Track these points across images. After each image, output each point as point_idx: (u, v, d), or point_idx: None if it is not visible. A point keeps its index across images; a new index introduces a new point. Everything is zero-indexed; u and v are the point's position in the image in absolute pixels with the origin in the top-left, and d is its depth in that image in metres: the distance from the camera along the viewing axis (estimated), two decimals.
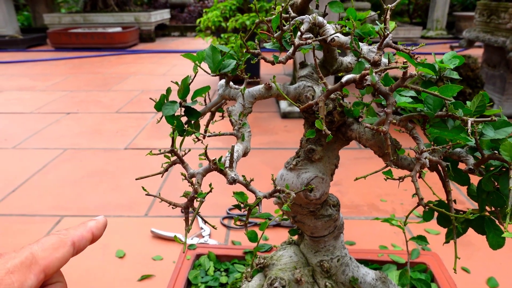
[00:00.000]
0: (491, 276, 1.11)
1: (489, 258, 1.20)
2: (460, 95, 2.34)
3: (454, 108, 0.44)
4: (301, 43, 0.42)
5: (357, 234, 1.31)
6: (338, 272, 0.67)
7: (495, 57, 2.66)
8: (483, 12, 2.67)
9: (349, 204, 1.48)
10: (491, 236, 0.52)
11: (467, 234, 1.40)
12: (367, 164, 1.81)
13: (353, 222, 1.37)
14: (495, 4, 2.53)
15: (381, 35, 0.41)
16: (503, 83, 2.57)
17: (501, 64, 2.59)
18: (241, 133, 0.47)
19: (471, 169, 0.47)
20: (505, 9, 2.43)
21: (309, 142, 0.57)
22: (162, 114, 0.54)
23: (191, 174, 0.46)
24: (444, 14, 6.56)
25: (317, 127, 0.39)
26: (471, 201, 1.48)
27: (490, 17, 2.60)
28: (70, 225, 1.35)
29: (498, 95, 2.62)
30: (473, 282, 1.10)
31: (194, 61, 0.50)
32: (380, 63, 0.41)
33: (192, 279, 0.85)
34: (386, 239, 1.28)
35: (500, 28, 2.51)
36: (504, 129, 0.44)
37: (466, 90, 2.32)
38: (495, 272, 1.13)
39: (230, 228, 1.34)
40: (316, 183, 0.57)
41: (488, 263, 1.17)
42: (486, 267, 1.15)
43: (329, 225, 0.64)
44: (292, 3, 0.52)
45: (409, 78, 0.38)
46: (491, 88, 2.72)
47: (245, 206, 0.40)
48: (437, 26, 6.67)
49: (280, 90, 0.47)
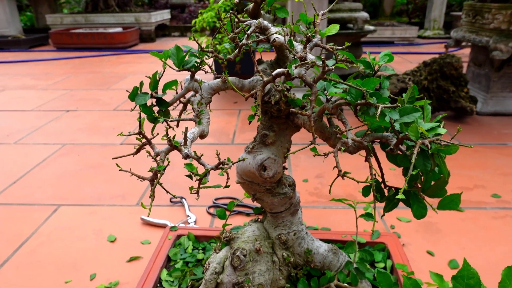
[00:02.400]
0: (453, 259, 1.20)
1: (454, 242, 1.28)
2: (444, 93, 2.43)
3: (370, 97, 0.53)
4: (244, 43, 0.51)
5: (334, 221, 1.40)
6: (295, 245, 0.76)
7: (480, 56, 2.74)
8: (469, 12, 2.75)
9: (329, 195, 1.57)
10: (415, 208, 0.61)
11: (436, 221, 1.49)
12: (349, 157, 1.90)
13: (331, 211, 1.46)
14: (479, 5, 2.61)
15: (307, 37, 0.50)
16: (488, 82, 2.65)
17: (486, 63, 2.67)
18: (199, 118, 0.56)
19: (392, 148, 0.56)
20: (488, 10, 2.51)
21: (263, 128, 0.67)
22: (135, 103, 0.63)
23: (156, 153, 0.56)
24: (441, 14, 6.62)
25: (251, 110, 0.48)
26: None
27: (475, 17, 2.68)
28: (67, 213, 1.44)
29: (483, 93, 2.70)
30: (436, 264, 1.19)
31: (161, 59, 0.59)
32: (306, 59, 0.51)
33: (172, 256, 0.95)
34: (360, 225, 1.36)
35: (484, 28, 2.59)
36: (413, 114, 0.53)
37: (450, 88, 2.40)
38: (457, 255, 1.22)
39: (215, 216, 1.43)
40: (269, 163, 0.66)
41: (452, 247, 1.26)
42: (450, 251, 1.24)
43: (285, 202, 0.73)
44: (246, 8, 0.62)
45: (328, 71, 0.47)
46: (477, 86, 2.80)
47: (195, 175, 0.50)
48: (435, 26, 6.72)
49: (231, 83, 0.57)
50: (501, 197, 1.55)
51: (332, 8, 3.46)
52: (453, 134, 2.24)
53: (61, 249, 1.26)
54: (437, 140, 0.50)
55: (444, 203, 0.59)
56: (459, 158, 1.90)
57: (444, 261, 1.20)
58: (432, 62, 2.44)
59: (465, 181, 1.68)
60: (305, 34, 0.51)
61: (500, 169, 1.78)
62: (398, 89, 2.35)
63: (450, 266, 1.17)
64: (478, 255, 1.22)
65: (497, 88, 2.62)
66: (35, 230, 1.36)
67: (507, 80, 2.59)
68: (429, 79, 2.43)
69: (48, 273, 1.15)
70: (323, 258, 0.77)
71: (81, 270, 1.16)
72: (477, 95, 2.73)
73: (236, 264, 0.73)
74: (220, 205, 1.49)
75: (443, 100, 2.46)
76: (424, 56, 4.73)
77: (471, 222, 1.39)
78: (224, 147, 2.08)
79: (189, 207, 1.46)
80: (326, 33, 0.65)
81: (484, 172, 1.76)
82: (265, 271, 0.74)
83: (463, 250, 1.25)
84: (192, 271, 0.90)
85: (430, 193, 0.59)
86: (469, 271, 0.47)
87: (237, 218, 1.42)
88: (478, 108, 2.61)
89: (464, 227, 1.37)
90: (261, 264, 0.74)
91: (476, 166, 1.82)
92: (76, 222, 1.41)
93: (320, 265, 0.77)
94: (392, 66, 4.17)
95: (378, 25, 6.25)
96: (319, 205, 1.49)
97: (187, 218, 1.38)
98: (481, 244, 1.27)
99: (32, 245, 1.28)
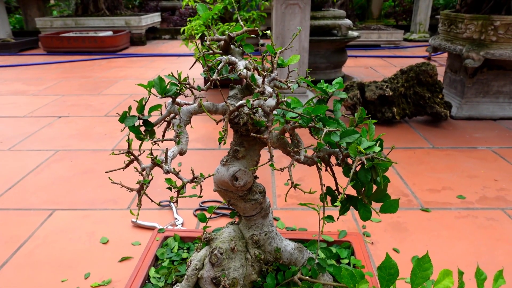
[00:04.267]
0: (415, 255, 1.32)
1: (418, 240, 1.41)
2: (420, 99, 2.57)
3: (318, 121, 0.64)
4: (214, 79, 0.63)
5: (311, 222, 1.52)
6: (266, 244, 0.88)
7: (456, 63, 2.89)
8: (445, 21, 2.90)
9: (307, 198, 1.68)
10: (361, 211, 0.73)
11: (404, 221, 1.62)
12: None
13: (308, 212, 1.58)
14: (453, 15, 2.76)
15: (264, 74, 0.61)
16: (463, 87, 2.80)
17: (461, 69, 2.82)
18: (178, 139, 0.67)
19: (338, 163, 0.68)
20: (461, 20, 2.66)
21: (235, 144, 0.78)
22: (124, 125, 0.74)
23: (142, 168, 0.67)
24: (427, 17, 6.80)
25: (219, 135, 0.59)
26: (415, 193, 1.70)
27: (450, 26, 2.83)
28: (61, 217, 1.54)
29: (459, 99, 2.85)
30: (400, 260, 1.31)
31: (146, 88, 0.70)
32: (265, 92, 0.62)
33: (159, 255, 1.05)
34: (334, 226, 1.48)
35: (458, 37, 2.74)
36: (352, 135, 0.64)
37: (426, 95, 2.55)
38: (420, 252, 1.35)
39: None
40: (240, 174, 0.77)
41: (417, 245, 1.39)
42: (414, 248, 1.37)
43: (256, 207, 0.84)
44: (218, 44, 0.73)
45: (282, 103, 0.59)
46: (453, 92, 2.95)
47: (174, 187, 0.61)
48: (420, 29, 6.90)
49: (205, 109, 0.68)
50: (465, 198, 1.69)
51: (317, 15, 3.59)
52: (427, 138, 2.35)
53: (57, 250, 1.36)
54: (373, 157, 0.62)
55: (385, 207, 0.71)
56: (432, 161, 2.04)
57: (408, 258, 1.32)
58: (408, 70, 2.58)
59: (434, 183, 1.81)
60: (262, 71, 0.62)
61: (467, 172, 1.92)
62: (377, 95, 2.48)
63: (412, 262, 1.29)
64: (440, 251, 1.35)
65: (471, 93, 2.77)
66: (32, 233, 1.45)
67: (480, 86, 2.74)
68: (406, 86, 2.57)
69: (45, 273, 1.24)
70: (290, 255, 0.88)
71: (76, 269, 1.26)
72: (453, 100, 2.88)
73: (213, 261, 0.84)
74: (206, 208, 1.59)
75: (419, 106, 2.60)
76: (409, 60, 4.89)
77: (436, 222, 1.53)
78: (211, 152, 2.18)
79: (176, 210, 1.57)
80: (289, 63, 0.77)
81: (453, 174, 1.90)
82: (239, 267, 0.85)
83: (426, 247, 1.38)
84: (177, 268, 1.01)
85: (372, 199, 0.71)
86: (390, 262, 0.58)
87: (222, 220, 1.53)
88: (453, 113, 2.76)
89: (429, 226, 1.50)
90: (236, 261, 0.85)
91: (446, 168, 1.96)
92: (70, 226, 1.50)
93: (287, 261, 0.89)
94: (377, 70, 4.32)
95: (365, 28, 6.41)
96: (298, 207, 1.61)
97: (175, 220, 1.49)
98: (444, 241, 1.40)
99: (30, 247, 1.37)
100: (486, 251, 1.34)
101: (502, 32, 2.46)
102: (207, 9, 0.69)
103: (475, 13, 2.68)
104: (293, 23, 2.58)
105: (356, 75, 4.07)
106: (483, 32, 2.53)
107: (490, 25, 2.48)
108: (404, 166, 1.99)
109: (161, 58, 5.19)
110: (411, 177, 1.86)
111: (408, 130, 2.51)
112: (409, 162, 2.03)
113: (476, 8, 2.74)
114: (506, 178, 1.84)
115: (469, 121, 2.70)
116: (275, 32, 2.61)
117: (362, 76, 4.00)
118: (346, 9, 7.02)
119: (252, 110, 0.71)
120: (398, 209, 0.72)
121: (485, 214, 1.56)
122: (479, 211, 1.59)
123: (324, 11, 3.69)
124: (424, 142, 2.29)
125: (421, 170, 1.95)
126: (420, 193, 1.73)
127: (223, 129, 0.61)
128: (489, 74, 2.69)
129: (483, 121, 2.69)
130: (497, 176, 1.86)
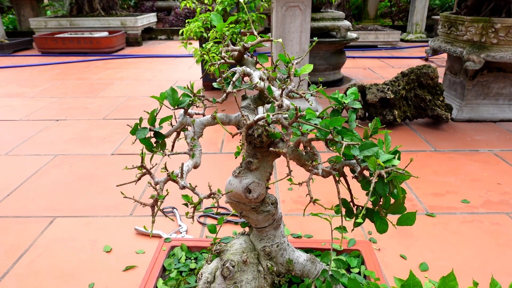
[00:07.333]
0: (423, 262, 1.31)
1: (425, 246, 1.40)
2: (421, 102, 2.57)
3: (337, 134, 0.63)
4: (231, 91, 0.61)
5: (316, 228, 1.50)
6: (278, 255, 0.86)
7: (456, 65, 2.90)
8: (445, 23, 2.90)
9: (312, 203, 1.67)
10: (378, 223, 0.71)
11: (410, 227, 1.61)
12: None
13: (314, 218, 1.56)
14: (454, 17, 2.76)
15: (282, 87, 0.59)
16: (463, 89, 2.81)
17: (461, 71, 2.82)
18: (193, 152, 0.65)
19: (356, 176, 0.66)
20: (462, 22, 2.66)
21: (248, 156, 0.76)
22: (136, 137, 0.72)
23: (156, 182, 0.65)
24: (423, 18, 6.82)
25: (237, 149, 0.57)
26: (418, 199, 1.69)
27: (450, 28, 2.83)
28: (62, 225, 1.51)
29: (459, 101, 2.85)
30: (408, 267, 1.30)
31: (159, 100, 0.68)
32: (283, 106, 0.60)
33: (167, 266, 1.03)
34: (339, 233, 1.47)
35: (458, 39, 2.74)
36: (371, 148, 0.63)
37: (427, 97, 2.54)
38: (427, 259, 1.34)
39: (205, 225, 1.52)
40: (254, 187, 0.76)
41: (423, 251, 1.38)
42: (421, 255, 1.36)
43: (268, 218, 0.83)
44: (231, 54, 0.71)
45: (300, 117, 0.57)
46: (453, 94, 2.95)
47: (191, 203, 0.59)
48: (417, 29, 6.92)
49: (219, 121, 0.66)
50: (470, 203, 1.68)
51: (316, 17, 3.58)
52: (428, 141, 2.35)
53: (59, 260, 1.33)
54: (392, 170, 0.61)
55: (402, 220, 0.69)
56: (434, 164, 2.04)
57: (415, 264, 1.31)
58: (409, 72, 2.57)
59: (438, 188, 1.81)
60: (280, 84, 0.60)
61: (470, 175, 1.92)
62: (378, 98, 2.47)
63: (420, 269, 1.28)
64: (447, 257, 1.34)
65: (471, 95, 2.77)
66: (33, 242, 1.42)
67: (480, 88, 2.74)
68: (407, 89, 2.56)
69: (48, 283, 1.22)
70: (303, 267, 0.87)
71: (80, 279, 1.23)
72: (453, 102, 2.89)
73: (226, 274, 0.83)
74: (210, 215, 1.57)
75: (420, 108, 2.60)
76: (406, 61, 4.90)
77: (441, 227, 1.52)
78: (213, 156, 2.16)
79: (180, 217, 1.55)
80: (302, 72, 0.75)
81: (456, 178, 1.90)
82: (251, 280, 0.83)
83: (433, 253, 1.37)
84: (186, 280, 0.99)
85: (389, 211, 0.69)
86: (414, 280, 0.57)
87: (226, 226, 1.51)
88: (453, 115, 2.76)
89: (435, 231, 1.49)
90: (248, 273, 0.83)
91: (449, 172, 1.96)
92: (72, 233, 1.48)
93: (300, 273, 0.87)
94: (375, 71, 4.32)
95: (362, 29, 6.41)
96: (302, 213, 1.59)
97: (179, 227, 1.47)
98: (450, 247, 1.40)
99: (31, 256, 1.35)
100: (493, 257, 1.34)
101: (503, 34, 2.47)
102: (221, 19, 0.68)
103: (475, 15, 2.68)
104: (293, 25, 2.56)
105: (355, 76, 4.07)
106: (483, 34, 2.54)
107: (491, 28, 2.48)
108: (407, 169, 1.99)
109: (157, 59, 5.15)
110: (415, 181, 1.86)
111: (409, 132, 2.50)
112: (412, 166, 2.03)
113: (476, 10, 2.74)
114: (509, 182, 1.84)
115: (469, 123, 2.70)
116: (275, 34, 2.59)
117: (361, 78, 3.99)
118: (343, 10, 7.02)
119: (267, 122, 0.69)
120: (415, 221, 0.71)
121: (490, 218, 1.56)
122: (484, 215, 1.58)
123: (323, 12, 3.68)
124: (426, 145, 2.29)
125: (424, 173, 1.94)
126: (424, 197, 1.73)
127: (240, 142, 0.59)
128: (489, 76, 2.69)
129: (483, 123, 2.69)
130: (500, 180, 1.86)
